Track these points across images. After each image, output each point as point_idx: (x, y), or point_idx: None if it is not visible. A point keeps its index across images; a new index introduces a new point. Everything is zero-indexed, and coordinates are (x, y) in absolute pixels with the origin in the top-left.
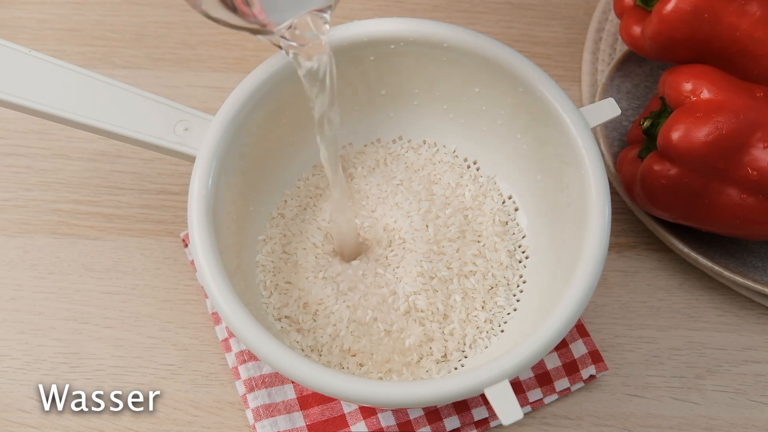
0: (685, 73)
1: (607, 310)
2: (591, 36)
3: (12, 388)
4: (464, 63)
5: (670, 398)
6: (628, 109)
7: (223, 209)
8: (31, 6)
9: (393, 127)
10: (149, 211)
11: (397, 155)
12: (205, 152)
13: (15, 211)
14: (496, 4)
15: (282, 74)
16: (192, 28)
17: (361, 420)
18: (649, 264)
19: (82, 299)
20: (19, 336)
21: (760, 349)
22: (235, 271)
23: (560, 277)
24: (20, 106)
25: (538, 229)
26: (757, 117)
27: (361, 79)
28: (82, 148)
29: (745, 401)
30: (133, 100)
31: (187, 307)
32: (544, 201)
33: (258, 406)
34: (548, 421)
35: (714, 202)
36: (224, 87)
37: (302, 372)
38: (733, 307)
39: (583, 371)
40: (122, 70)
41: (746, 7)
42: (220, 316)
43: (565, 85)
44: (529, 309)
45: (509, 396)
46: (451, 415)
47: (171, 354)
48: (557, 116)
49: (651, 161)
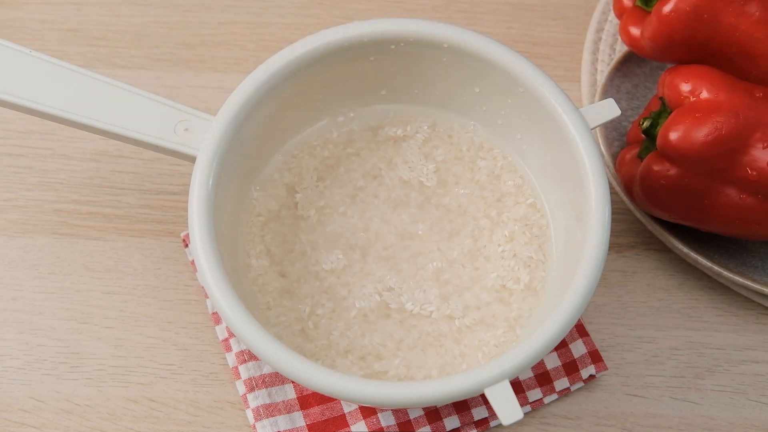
0: (685, 74)
1: (606, 310)
2: (591, 36)
3: (12, 388)
4: (464, 63)
5: (670, 398)
6: (627, 110)
7: (224, 209)
8: (32, 6)
9: (393, 126)
10: (150, 211)
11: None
12: (205, 152)
13: (15, 211)
14: (496, 4)
15: (282, 74)
16: (192, 29)
17: (361, 420)
18: (648, 264)
19: (82, 299)
20: (19, 336)
21: (760, 349)
22: (236, 271)
23: (560, 277)
24: (21, 107)
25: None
26: (756, 117)
27: (361, 79)
28: (82, 148)
29: (744, 401)
30: (133, 101)
31: (188, 307)
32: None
33: (258, 406)
34: (548, 421)
35: (713, 203)
36: (225, 87)
37: (302, 372)
38: (732, 307)
39: (583, 371)
40: (123, 71)
41: (745, 7)
42: (220, 316)
43: (565, 86)
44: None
45: (509, 396)
46: (451, 414)
47: (171, 354)
48: (557, 117)
49: (650, 161)
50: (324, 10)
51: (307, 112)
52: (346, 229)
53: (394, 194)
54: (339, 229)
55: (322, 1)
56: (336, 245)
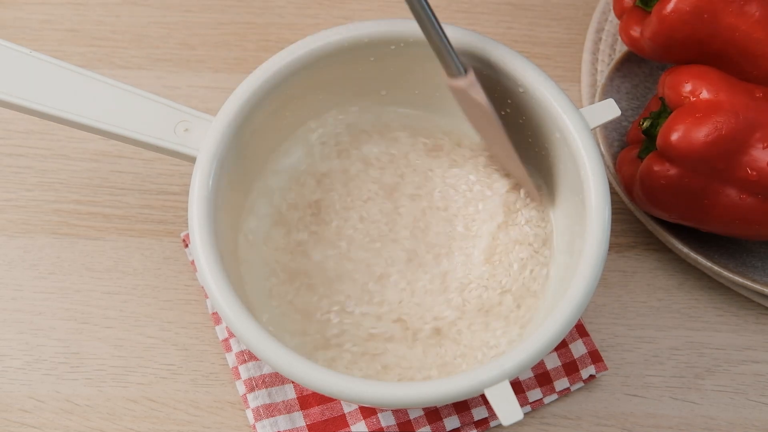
0: (685, 74)
1: (606, 310)
2: (591, 36)
3: (12, 388)
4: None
5: (670, 398)
6: (627, 110)
7: (224, 209)
8: (32, 6)
9: (392, 126)
10: (150, 211)
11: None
12: (205, 153)
13: (15, 211)
14: (496, 4)
15: (282, 75)
16: (192, 29)
17: (361, 420)
18: (648, 264)
19: (82, 299)
20: (19, 336)
21: (760, 349)
22: (235, 271)
23: (560, 277)
24: (21, 107)
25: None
26: (756, 117)
27: (361, 79)
28: (82, 148)
29: (744, 401)
30: (133, 101)
31: (188, 307)
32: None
33: (258, 406)
34: (548, 421)
35: (713, 203)
36: (225, 87)
37: (302, 372)
38: (732, 307)
39: (583, 371)
40: (123, 71)
41: (745, 7)
42: (220, 316)
43: (565, 86)
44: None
45: (509, 396)
46: (451, 414)
47: (171, 354)
48: (557, 117)
49: (650, 161)
50: (324, 10)
51: (308, 113)
52: (346, 226)
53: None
54: (339, 228)
55: (321, 1)
56: (335, 243)
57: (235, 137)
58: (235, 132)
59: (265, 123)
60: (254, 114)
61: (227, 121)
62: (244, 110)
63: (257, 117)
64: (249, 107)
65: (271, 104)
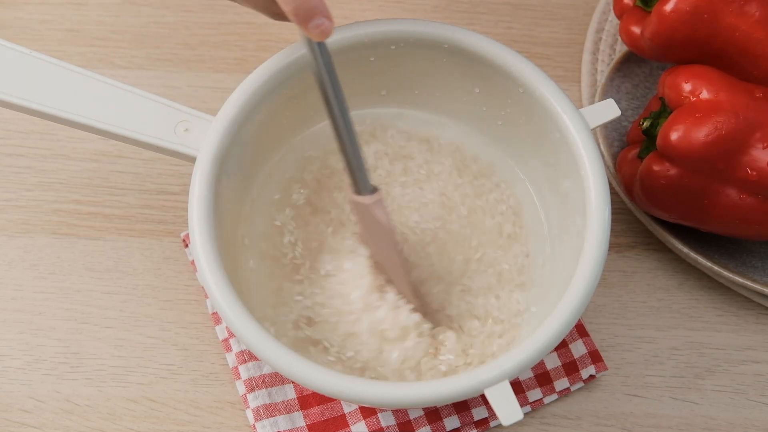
0: (685, 74)
1: (606, 310)
2: (591, 36)
3: (12, 388)
4: (464, 64)
5: (670, 398)
6: (627, 110)
7: (224, 209)
8: (32, 7)
9: (392, 127)
10: (149, 211)
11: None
12: (205, 153)
13: (15, 211)
14: (496, 4)
15: (283, 75)
16: (192, 29)
17: (361, 420)
18: (648, 264)
19: (82, 299)
20: (19, 336)
21: (760, 349)
22: (236, 271)
23: (560, 277)
24: (21, 107)
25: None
26: (756, 117)
27: (361, 79)
28: (82, 148)
29: (744, 401)
30: (133, 101)
31: (188, 307)
32: (544, 201)
33: (258, 406)
34: (548, 421)
35: (713, 203)
36: (225, 87)
37: (302, 372)
38: (732, 307)
39: (583, 371)
40: (123, 71)
41: (745, 7)
42: (220, 316)
43: (565, 86)
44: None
45: (509, 396)
46: (451, 414)
47: (171, 354)
48: (557, 117)
49: (650, 161)
50: None
51: (307, 113)
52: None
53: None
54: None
55: None
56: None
57: (235, 137)
58: (235, 132)
59: (266, 123)
60: (254, 114)
61: (227, 121)
62: (244, 110)
63: (257, 117)
64: (249, 107)
65: (271, 104)
